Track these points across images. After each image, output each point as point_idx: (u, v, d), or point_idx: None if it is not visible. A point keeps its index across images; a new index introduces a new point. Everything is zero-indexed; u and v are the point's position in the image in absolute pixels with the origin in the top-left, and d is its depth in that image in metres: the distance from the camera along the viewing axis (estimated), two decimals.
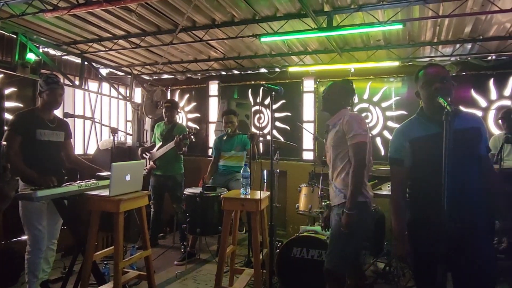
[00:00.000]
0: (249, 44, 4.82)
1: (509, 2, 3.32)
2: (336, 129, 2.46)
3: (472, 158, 1.86)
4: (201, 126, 6.75)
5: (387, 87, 5.48)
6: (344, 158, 2.42)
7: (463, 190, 1.79)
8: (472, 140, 1.87)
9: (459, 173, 1.78)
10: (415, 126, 1.97)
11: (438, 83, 1.85)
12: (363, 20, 3.84)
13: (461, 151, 1.80)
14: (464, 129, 1.84)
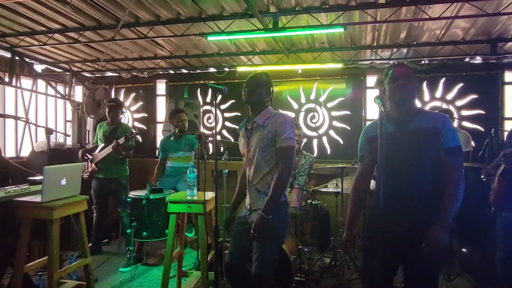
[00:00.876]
0: (197, 42, 4.74)
1: (438, 10, 3.60)
2: (267, 130, 2.26)
3: (423, 157, 1.91)
4: (148, 126, 6.53)
5: (332, 88, 5.69)
6: (271, 161, 2.27)
7: (412, 188, 1.90)
8: (425, 139, 1.90)
9: (409, 171, 1.91)
10: (376, 125, 2.04)
11: (402, 80, 1.94)
12: (307, 22, 3.95)
13: (412, 149, 1.90)
14: (419, 129, 1.92)
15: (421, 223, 1.88)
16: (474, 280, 3.62)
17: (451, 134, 1.90)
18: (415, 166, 1.90)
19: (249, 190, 2.36)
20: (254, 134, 2.32)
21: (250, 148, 2.33)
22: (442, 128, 1.89)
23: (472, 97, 5.08)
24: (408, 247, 1.90)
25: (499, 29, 4.12)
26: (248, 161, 2.37)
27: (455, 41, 4.48)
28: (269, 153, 2.27)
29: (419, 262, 1.89)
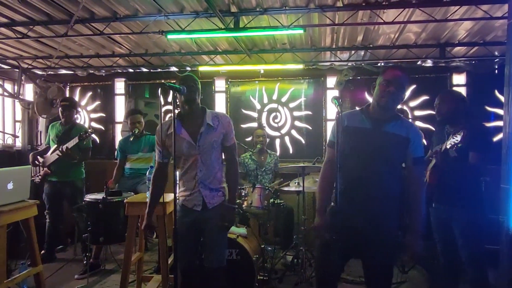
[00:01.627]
0: (157, 41, 4.64)
1: (392, 15, 3.76)
2: (219, 131, 2.36)
3: (390, 160, 2.02)
4: (106, 126, 6.29)
5: (294, 88, 5.78)
6: (220, 159, 2.44)
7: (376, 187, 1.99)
8: (395, 146, 2.00)
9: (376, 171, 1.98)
10: (354, 116, 2.13)
11: (393, 87, 1.97)
12: (268, 23, 3.99)
13: (382, 151, 1.99)
14: (393, 134, 2.01)
15: (379, 221, 1.99)
16: (426, 271, 3.82)
17: (419, 145, 2.03)
18: (381, 167, 1.99)
19: (199, 191, 2.33)
20: (206, 135, 2.32)
21: (201, 150, 2.31)
22: (412, 139, 2.01)
23: (424, 98, 5.37)
24: (366, 242, 2.00)
25: (447, 34, 4.39)
26: (195, 162, 2.32)
27: (408, 45, 4.71)
28: (219, 152, 2.41)
29: (377, 256, 2.00)
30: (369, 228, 1.98)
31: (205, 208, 2.34)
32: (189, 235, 2.33)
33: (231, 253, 3.17)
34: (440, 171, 2.61)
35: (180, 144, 2.28)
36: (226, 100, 5.94)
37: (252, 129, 5.69)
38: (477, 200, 2.59)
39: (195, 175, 2.31)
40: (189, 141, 2.30)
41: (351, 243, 2.00)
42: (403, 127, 2.04)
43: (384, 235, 2.00)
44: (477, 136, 2.43)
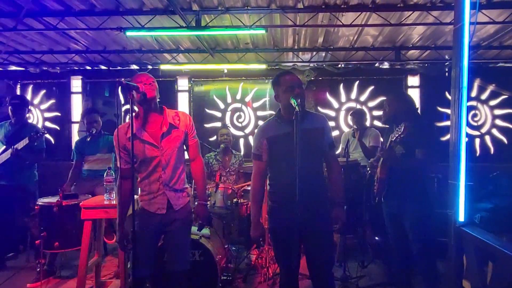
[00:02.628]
0: (115, 37, 4.48)
1: (350, 18, 3.89)
2: (182, 129, 2.31)
3: (316, 154, 2.19)
4: (62, 126, 5.99)
5: (258, 88, 5.82)
6: (183, 159, 2.38)
7: (309, 181, 2.08)
8: (317, 138, 2.16)
9: (307, 166, 2.05)
10: (272, 126, 2.24)
11: (297, 88, 2.14)
12: (230, 22, 3.98)
13: (308, 147, 2.08)
14: (311, 129, 2.15)
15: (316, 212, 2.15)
16: (384, 265, 3.98)
17: (330, 131, 2.26)
18: (310, 161, 2.11)
19: (163, 193, 2.27)
20: (168, 135, 2.27)
21: (164, 151, 2.25)
22: (325, 127, 2.21)
23: (381, 98, 5.59)
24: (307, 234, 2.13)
25: (402, 38, 4.60)
26: (158, 164, 2.26)
27: (366, 47, 4.89)
28: (182, 151, 2.36)
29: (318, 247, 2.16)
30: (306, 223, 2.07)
31: (170, 210, 2.28)
32: (149, 240, 2.25)
33: (194, 254, 3.14)
34: (389, 167, 2.74)
35: (142, 147, 2.18)
36: (189, 100, 5.86)
37: (216, 128, 5.66)
38: (425, 195, 2.74)
39: (159, 177, 2.24)
40: (151, 142, 2.21)
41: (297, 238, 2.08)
42: (315, 120, 2.22)
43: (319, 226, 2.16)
44: (423, 133, 2.58)
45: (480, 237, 1.73)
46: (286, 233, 2.07)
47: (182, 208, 2.32)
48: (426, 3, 3.61)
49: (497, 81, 5.51)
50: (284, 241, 2.13)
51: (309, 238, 2.16)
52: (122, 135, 2.23)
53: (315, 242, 2.16)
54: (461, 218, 1.92)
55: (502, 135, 5.57)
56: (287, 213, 2.06)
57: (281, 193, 2.16)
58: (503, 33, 4.24)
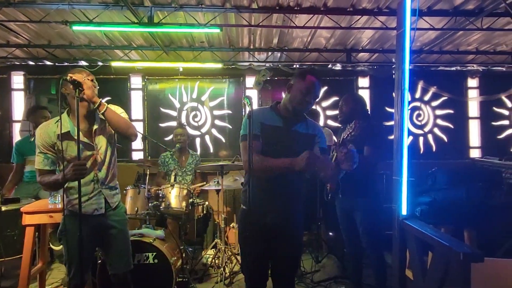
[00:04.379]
0: (61, 31, 4.22)
1: (303, 20, 3.98)
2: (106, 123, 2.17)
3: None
4: (2, 125, 5.55)
5: (214, 87, 5.78)
6: (114, 153, 2.30)
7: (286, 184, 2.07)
8: (303, 142, 2.08)
9: None
10: (265, 115, 2.14)
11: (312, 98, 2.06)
12: (185, 20, 3.92)
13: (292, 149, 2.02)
14: (302, 133, 2.11)
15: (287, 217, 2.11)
16: (338, 259, 4.13)
17: (323, 138, 2.19)
18: None
19: (99, 192, 2.18)
20: (100, 131, 2.18)
21: (98, 148, 2.17)
22: (318, 134, 2.17)
23: (334, 99, 5.80)
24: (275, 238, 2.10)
25: (352, 41, 4.80)
26: (92, 162, 2.15)
27: (319, 49, 5.04)
28: (114, 146, 2.29)
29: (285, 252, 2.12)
30: (277, 224, 2.08)
31: (108, 209, 2.21)
32: (87, 244, 2.09)
33: (147, 257, 3.06)
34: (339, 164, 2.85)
35: (74, 146, 2.01)
36: (143, 98, 5.69)
37: (171, 128, 5.54)
38: (374, 191, 2.89)
39: (94, 176, 2.14)
40: (85, 141, 2.10)
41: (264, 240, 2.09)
42: (310, 126, 2.18)
43: (291, 230, 2.13)
44: (371, 132, 2.73)
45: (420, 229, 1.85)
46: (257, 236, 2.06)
47: (117, 207, 2.28)
48: (374, 8, 3.80)
49: (438, 83, 5.93)
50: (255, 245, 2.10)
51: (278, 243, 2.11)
52: (50, 133, 2.07)
53: (283, 248, 2.12)
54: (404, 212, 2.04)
55: (443, 133, 6.00)
56: (260, 216, 2.03)
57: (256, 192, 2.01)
58: (442, 39, 4.56)
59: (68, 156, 2.07)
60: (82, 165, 1.94)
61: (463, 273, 1.46)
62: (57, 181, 2.03)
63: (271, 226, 2.08)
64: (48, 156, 2.09)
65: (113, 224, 2.23)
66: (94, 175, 2.14)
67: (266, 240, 2.10)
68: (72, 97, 2.04)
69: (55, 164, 2.13)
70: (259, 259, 2.13)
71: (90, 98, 1.99)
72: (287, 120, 2.13)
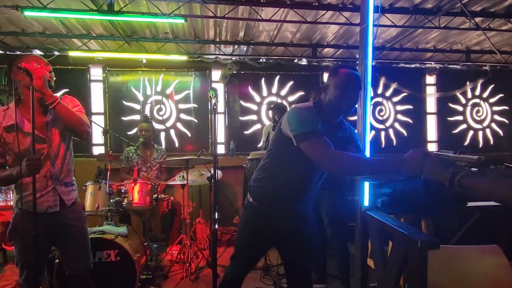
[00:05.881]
0: (12, 17, 3.93)
1: (270, 13, 3.98)
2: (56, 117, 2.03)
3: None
4: None
5: (179, 80, 5.65)
6: (70, 147, 2.17)
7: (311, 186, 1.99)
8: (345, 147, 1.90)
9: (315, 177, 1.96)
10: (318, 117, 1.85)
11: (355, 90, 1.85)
12: (147, 9, 3.79)
13: None
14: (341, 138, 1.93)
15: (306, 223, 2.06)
16: None
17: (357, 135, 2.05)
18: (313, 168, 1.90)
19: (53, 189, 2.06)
20: (53, 123, 2.04)
21: (50, 141, 2.03)
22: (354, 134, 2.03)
23: (300, 93, 5.86)
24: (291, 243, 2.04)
25: (318, 36, 4.86)
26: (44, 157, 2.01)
27: (285, 43, 5.06)
28: (69, 139, 2.15)
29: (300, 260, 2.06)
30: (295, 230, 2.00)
31: (63, 207, 2.08)
32: (41, 244, 1.95)
33: (109, 254, 2.95)
34: None
35: (25, 140, 1.91)
36: (104, 91, 5.45)
37: (134, 122, 5.37)
38: (338, 184, 2.96)
39: (47, 172, 2.00)
40: (36, 134, 1.91)
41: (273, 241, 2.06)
42: (347, 128, 2.03)
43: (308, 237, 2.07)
44: None
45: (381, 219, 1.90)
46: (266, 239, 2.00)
47: (74, 204, 2.14)
48: (338, 3, 3.86)
49: (399, 79, 6.16)
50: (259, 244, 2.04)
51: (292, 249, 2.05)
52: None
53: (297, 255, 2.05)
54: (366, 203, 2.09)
55: (403, 128, 6.26)
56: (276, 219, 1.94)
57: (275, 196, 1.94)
58: (403, 36, 4.74)
59: (16, 149, 1.92)
60: (37, 160, 1.82)
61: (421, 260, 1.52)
62: (10, 176, 1.91)
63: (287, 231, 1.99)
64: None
65: (70, 222, 2.11)
66: (46, 171, 2.00)
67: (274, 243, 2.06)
68: (24, 86, 1.91)
69: (3, 156, 1.98)
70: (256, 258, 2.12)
71: (39, 89, 1.85)
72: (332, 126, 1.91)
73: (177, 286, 3.40)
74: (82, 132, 2.05)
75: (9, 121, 1.92)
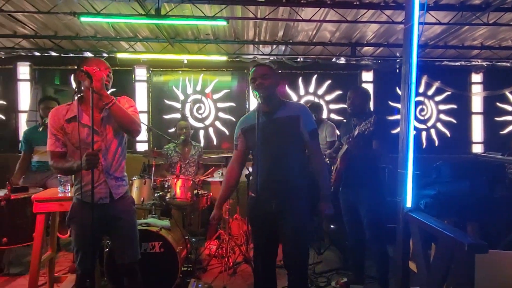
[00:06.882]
0: (68, 22, 4.24)
1: (309, 13, 3.99)
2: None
3: (290, 142, 2.19)
4: (8, 116, 5.59)
5: (218, 79, 5.79)
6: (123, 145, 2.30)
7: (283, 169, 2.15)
8: (291, 126, 2.17)
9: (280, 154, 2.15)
10: (248, 118, 2.33)
11: (260, 79, 2.16)
12: (191, 12, 3.93)
13: (279, 135, 2.16)
14: (283, 117, 2.19)
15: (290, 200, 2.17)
16: (340, 251, 4.19)
17: (309, 119, 2.23)
18: (284, 149, 2.17)
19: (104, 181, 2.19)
20: (108, 119, 2.17)
21: (104, 136, 2.17)
22: (302, 114, 2.20)
23: (338, 92, 5.81)
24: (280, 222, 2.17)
25: (357, 35, 4.80)
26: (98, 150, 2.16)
27: (324, 43, 5.04)
28: (123, 136, 2.27)
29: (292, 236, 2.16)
30: (281, 210, 2.15)
31: (113, 200, 2.21)
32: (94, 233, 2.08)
33: (154, 246, 3.11)
34: (349, 157, 2.89)
35: (81, 131, 2.07)
36: (148, 90, 5.72)
37: (175, 120, 5.57)
38: (379, 184, 2.93)
39: (99, 165, 2.12)
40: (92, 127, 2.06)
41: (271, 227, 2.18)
42: (291, 108, 2.24)
43: (296, 214, 2.17)
44: (380, 127, 2.76)
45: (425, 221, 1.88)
46: (260, 223, 2.21)
47: (123, 198, 2.27)
48: (380, 2, 3.80)
49: (442, 78, 5.93)
50: (259, 231, 2.26)
51: (282, 228, 2.18)
52: (60, 116, 2.12)
53: (286, 232, 2.17)
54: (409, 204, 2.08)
55: (446, 128, 6.02)
56: (259, 203, 2.14)
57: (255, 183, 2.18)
58: (448, 33, 4.56)
59: (73, 139, 2.11)
60: (94, 155, 1.98)
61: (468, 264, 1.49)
62: (71, 168, 2.10)
63: (275, 212, 2.16)
64: (58, 137, 2.14)
65: (119, 214, 2.23)
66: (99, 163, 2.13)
67: (272, 225, 2.19)
68: (85, 86, 2.10)
69: (65, 145, 2.16)
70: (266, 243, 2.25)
71: (97, 90, 2.02)
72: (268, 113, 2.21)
73: (215, 280, 3.50)
74: (133, 131, 2.19)
75: (70, 114, 2.12)
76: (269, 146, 2.14)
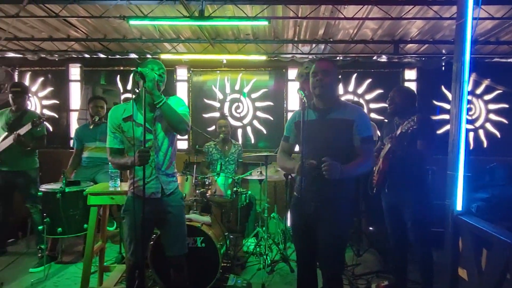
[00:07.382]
0: (116, 26, 4.46)
1: (351, 11, 3.93)
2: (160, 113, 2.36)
3: (337, 145, 2.11)
4: (60, 114, 5.97)
5: (256, 79, 5.84)
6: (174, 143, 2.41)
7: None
8: (340, 130, 2.10)
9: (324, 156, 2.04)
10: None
11: (320, 75, 2.12)
12: (233, 13, 3.99)
13: (329, 137, 2.11)
14: (337, 119, 2.12)
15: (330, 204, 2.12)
16: (379, 253, 4.10)
17: (364, 125, 2.11)
18: (330, 152, 2.06)
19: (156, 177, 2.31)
20: (161, 119, 2.29)
21: (156, 134, 2.30)
22: (356, 119, 2.10)
23: (378, 91, 5.66)
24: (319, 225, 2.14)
25: (401, 32, 4.65)
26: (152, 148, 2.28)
27: (365, 40, 4.93)
28: (173, 135, 2.38)
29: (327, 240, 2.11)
30: (320, 213, 2.12)
31: (164, 195, 2.34)
32: (145, 225, 2.20)
33: (196, 241, 3.21)
34: (392, 158, 2.81)
35: (136, 129, 2.20)
36: (188, 89, 5.88)
37: (214, 119, 5.69)
38: (424, 186, 2.83)
39: (152, 161, 2.25)
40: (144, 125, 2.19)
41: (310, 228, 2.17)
42: (347, 111, 2.15)
43: (334, 219, 2.11)
44: (425, 126, 2.66)
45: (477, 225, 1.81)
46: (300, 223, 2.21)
47: (173, 193, 2.38)
48: None
49: (493, 76, 5.60)
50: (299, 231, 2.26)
51: (320, 231, 2.14)
52: (118, 115, 2.30)
53: (323, 237, 2.13)
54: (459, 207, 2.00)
55: (495, 129, 5.68)
56: (300, 204, 2.15)
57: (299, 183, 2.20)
58: (500, 29, 4.31)
59: (129, 137, 2.25)
60: (146, 152, 2.10)
61: None
62: (126, 164, 2.27)
63: (314, 214, 2.14)
64: (116, 135, 2.31)
65: (169, 209, 2.35)
66: (152, 160, 2.26)
67: (311, 227, 2.17)
68: (140, 87, 2.23)
69: (123, 143, 2.34)
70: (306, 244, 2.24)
71: (149, 90, 2.13)
72: (322, 111, 2.18)
73: (253, 277, 3.55)
74: (181, 130, 2.30)
75: (127, 113, 2.28)
76: (316, 146, 2.11)
